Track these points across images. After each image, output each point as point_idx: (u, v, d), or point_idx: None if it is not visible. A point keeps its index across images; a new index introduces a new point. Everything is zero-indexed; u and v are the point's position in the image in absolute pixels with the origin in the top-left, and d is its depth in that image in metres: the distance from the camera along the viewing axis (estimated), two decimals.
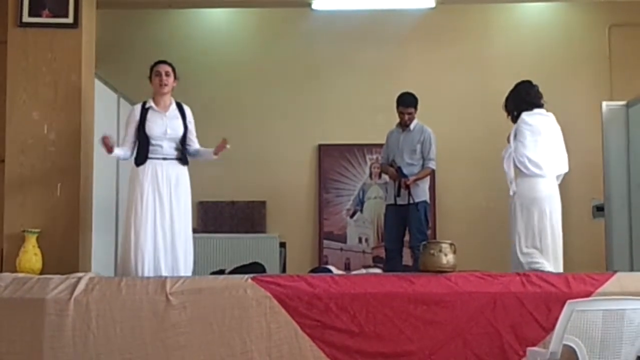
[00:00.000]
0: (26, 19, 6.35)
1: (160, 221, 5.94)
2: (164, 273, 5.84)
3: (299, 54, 9.35)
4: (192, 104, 6.38)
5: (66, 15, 6.37)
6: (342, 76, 9.26)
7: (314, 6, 8.73)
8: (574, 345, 4.38)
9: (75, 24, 6.38)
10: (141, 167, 6.02)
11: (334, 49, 9.30)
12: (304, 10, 9.06)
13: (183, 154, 6.16)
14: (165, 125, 6.08)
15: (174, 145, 6.12)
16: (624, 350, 4.38)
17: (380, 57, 9.25)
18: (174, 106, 6.22)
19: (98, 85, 6.93)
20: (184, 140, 6.16)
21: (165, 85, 6.14)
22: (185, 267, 6.01)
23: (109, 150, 5.99)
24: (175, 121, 6.15)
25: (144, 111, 6.12)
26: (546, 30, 9.36)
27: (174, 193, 6.02)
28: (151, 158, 6.03)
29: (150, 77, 6.20)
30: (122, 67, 8.53)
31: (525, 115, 6.39)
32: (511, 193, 6.31)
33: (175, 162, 6.11)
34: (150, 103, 6.15)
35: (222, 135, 6.20)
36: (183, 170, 6.15)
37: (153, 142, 6.05)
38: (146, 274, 5.78)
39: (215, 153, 6.22)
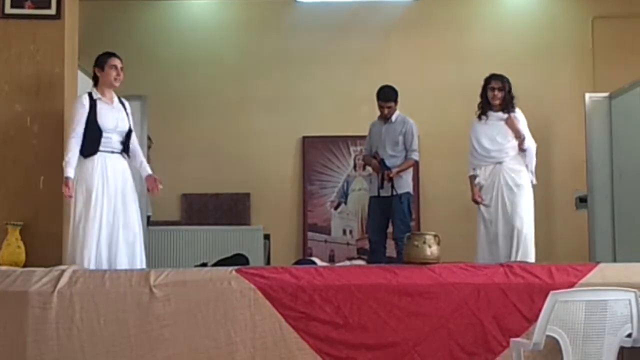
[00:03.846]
0: (8, 10, 6.31)
1: (106, 215, 5.83)
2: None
3: (282, 46, 9.34)
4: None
5: (49, 7, 6.33)
6: (326, 68, 9.26)
7: None
8: (556, 336, 4.41)
9: (58, 15, 6.34)
10: (90, 159, 5.85)
11: (318, 41, 9.30)
12: (288, 2, 9.08)
13: (126, 148, 6.05)
14: (116, 118, 5.98)
15: (120, 138, 6.00)
16: (607, 340, 4.41)
17: (364, 49, 9.26)
18: (117, 99, 6.12)
19: (81, 77, 6.89)
20: (128, 134, 6.06)
21: (120, 79, 6.03)
22: (139, 264, 5.93)
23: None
24: (122, 114, 6.05)
25: (93, 102, 5.94)
26: (529, 22, 9.39)
27: (122, 186, 5.93)
28: (101, 151, 5.90)
29: (98, 67, 6.01)
30: None
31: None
32: (535, 182, 6.45)
33: (120, 156, 6.01)
34: (98, 94, 6.00)
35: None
36: (126, 164, 6.06)
37: (105, 134, 5.90)
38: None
39: (146, 181, 6.11)
